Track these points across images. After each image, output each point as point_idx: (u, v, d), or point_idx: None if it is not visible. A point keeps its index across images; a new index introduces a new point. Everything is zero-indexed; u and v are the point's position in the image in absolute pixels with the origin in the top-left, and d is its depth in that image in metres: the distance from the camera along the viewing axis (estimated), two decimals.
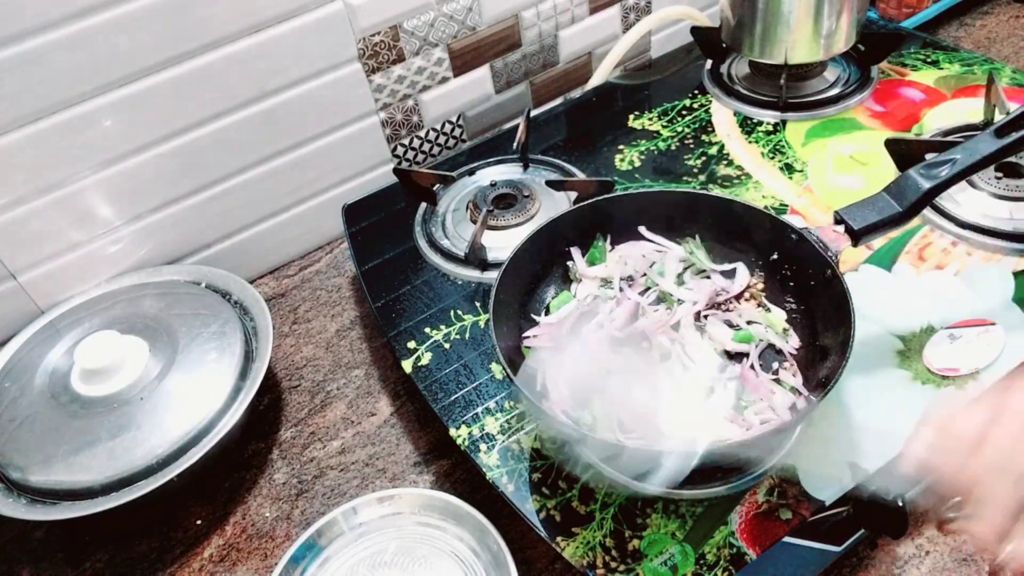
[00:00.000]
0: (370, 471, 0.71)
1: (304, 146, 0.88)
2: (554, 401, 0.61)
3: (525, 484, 0.61)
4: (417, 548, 0.62)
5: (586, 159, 0.89)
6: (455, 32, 0.91)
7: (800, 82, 0.93)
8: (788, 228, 0.64)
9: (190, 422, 0.67)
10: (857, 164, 0.82)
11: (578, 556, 0.56)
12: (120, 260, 0.84)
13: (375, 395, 0.78)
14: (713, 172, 0.84)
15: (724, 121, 0.91)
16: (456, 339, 0.72)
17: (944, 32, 1.10)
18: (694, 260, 0.69)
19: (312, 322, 0.86)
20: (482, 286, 0.76)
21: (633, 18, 1.04)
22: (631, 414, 0.59)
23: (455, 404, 0.67)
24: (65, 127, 0.73)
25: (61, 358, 0.74)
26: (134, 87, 0.75)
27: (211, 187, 0.85)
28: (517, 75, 1.00)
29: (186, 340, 0.73)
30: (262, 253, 0.93)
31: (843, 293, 0.57)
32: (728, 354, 0.64)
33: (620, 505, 0.58)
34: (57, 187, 0.76)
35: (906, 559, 0.59)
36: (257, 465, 0.73)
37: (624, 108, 0.95)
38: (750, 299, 0.67)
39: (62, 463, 0.65)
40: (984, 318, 0.64)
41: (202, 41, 0.76)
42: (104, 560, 0.68)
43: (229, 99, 0.80)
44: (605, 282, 0.69)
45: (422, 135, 0.97)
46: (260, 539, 0.68)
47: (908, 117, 0.86)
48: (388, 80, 0.89)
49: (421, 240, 0.82)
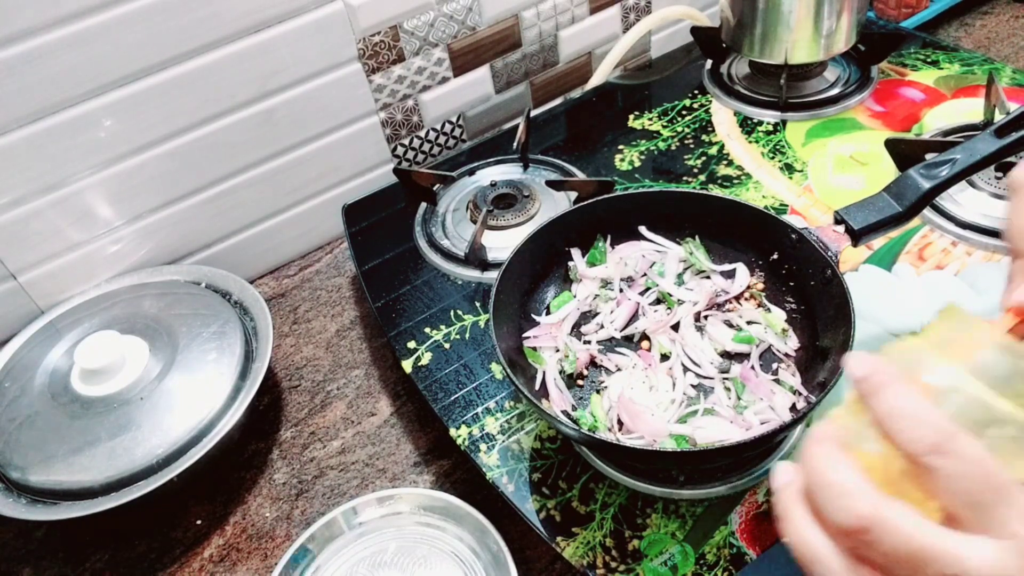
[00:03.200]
0: (370, 471, 0.71)
1: (304, 146, 0.88)
2: (554, 401, 0.62)
3: (525, 484, 0.61)
4: (417, 548, 0.62)
5: (586, 159, 0.89)
6: (455, 32, 0.91)
7: (800, 82, 0.93)
8: (788, 228, 0.64)
9: (190, 422, 0.67)
10: (857, 164, 0.82)
11: (578, 556, 0.56)
12: (120, 260, 0.84)
13: (375, 395, 0.78)
14: (713, 172, 0.84)
15: (724, 121, 0.91)
16: (456, 339, 0.72)
17: (944, 32, 1.10)
18: (694, 260, 0.69)
19: (312, 322, 0.86)
20: (482, 286, 0.76)
21: (633, 18, 1.04)
22: (631, 414, 0.59)
23: (455, 404, 0.67)
24: (65, 127, 0.73)
25: (61, 358, 0.74)
26: (134, 87, 0.75)
27: (211, 187, 0.85)
28: (517, 75, 1.00)
29: (186, 340, 0.73)
30: (262, 253, 0.93)
31: (843, 293, 0.57)
32: (728, 354, 0.64)
33: (620, 505, 0.58)
34: (57, 187, 0.76)
35: None
36: (257, 465, 0.73)
37: (624, 108, 0.95)
38: (750, 299, 0.67)
39: (62, 463, 0.65)
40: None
41: (202, 41, 0.76)
42: (104, 560, 0.68)
43: (229, 99, 0.80)
44: (605, 283, 0.69)
45: (422, 135, 0.97)
46: (260, 539, 0.68)
47: (908, 117, 0.86)
48: (388, 80, 0.89)
49: (421, 240, 0.82)
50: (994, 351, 0.34)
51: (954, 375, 0.33)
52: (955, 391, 0.32)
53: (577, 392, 0.64)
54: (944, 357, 0.34)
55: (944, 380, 0.33)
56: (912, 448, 0.31)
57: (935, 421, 0.31)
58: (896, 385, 0.32)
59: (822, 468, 0.32)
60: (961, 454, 0.30)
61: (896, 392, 0.32)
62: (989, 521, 0.30)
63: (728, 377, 0.62)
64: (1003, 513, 0.30)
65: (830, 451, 0.33)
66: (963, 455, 0.30)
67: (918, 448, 0.31)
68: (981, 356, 0.34)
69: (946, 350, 0.34)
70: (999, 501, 0.30)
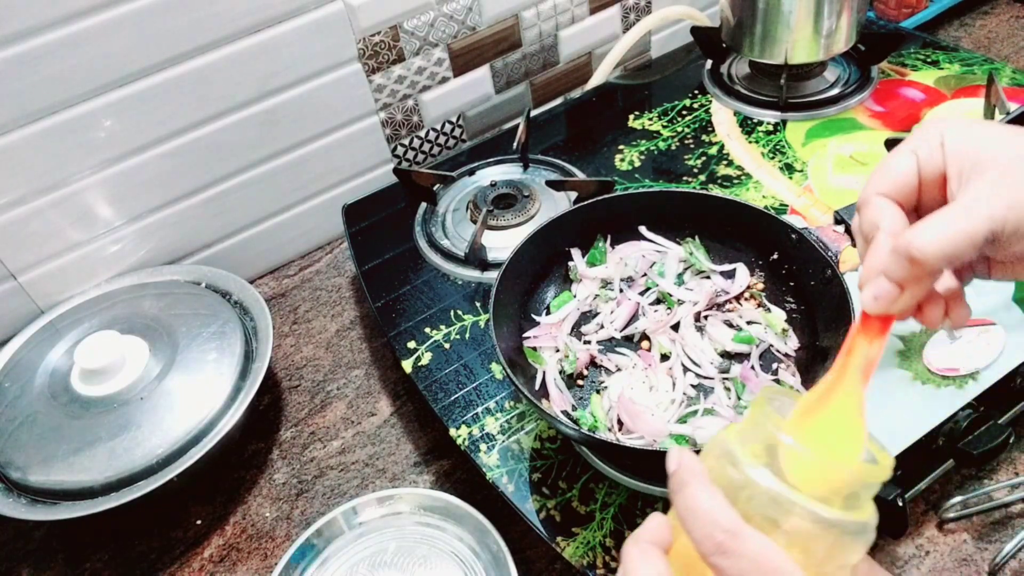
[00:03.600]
0: (370, 471, 0.71)
1: (304, 146, 0.88)
2: (554, 401, 0.62)
3: (525, 484, 0.61)
4: (417, 548, 0.62)
5: (586, 159, 0.89)
6: (455, 32, 0.91)
7: (800, 82, 0.93)
8: (788, 228, 0.64)
9: (190, 422, 0.67)
10: (857, 164, 0.82)
11: (578, 556, 0.56)
12: (120, 260, 0.84)
13: (375, 395, 0.78)
14: (713, 172, 0.84)
15: (724, 121, 0.91)
16: (456, 339, 0.72)
17: (944, 32, 1.10)
18: (694, 261, 0.69)
19: (312, 322, 0.86)
20: (482, 286, 0.76)
21: (633, 18, 1.04)
22: (631, 414, 0.59)
23: (455, 404, 0.67)
24: (65, 127, 0.73)
25: (61, 358, 0.74)
26: (134, 87, 0.75)
27: (211, 187, 0.85)
28: (517, 75, 1.00)
29: (186, 340, 0.73)
30: (262, 253, 0.93)
31: (843, 293, 0.57)
32: (728, 354, 0.64)
33: (620, 505, 0.58)
34: (57, 187, 0.76)
35: (906, 559, 0.59)
36: (257, 465, 0.73)
37: (624, 108, 0.95)
38: (750, 299, 0.67)
39: (62, 463, 0.65)
40: (984, 318, 0.64)
41: (202, 41, 0.76)
42: (104, 560, 0.68)
43: (229, 99, 0.80)
44: (605, 283, 0.69)
45: (422, 135, 0.97)
46: (260, 539, 0.68)
47: (908, 117, 0.86)
48: (388, 80, 0.89)
49: (421, 240, 0.82)
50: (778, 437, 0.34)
51: (749, 468, 0.33)
52: (749, 486, 0.33)
53: (577, 392, 0.64)
54: (748, 448, 0.34)
55: (739, 475, 0.33)
56: (700, 549, 0.33)
57: (721, 521, 0.32)
58: (695, 483, 0.34)
59: (633, 568, 0.34)
60: (741, 554, 0.31)
61: (693, 491, 0.33)
62: None
63: (728, 377, 0.62)
64: None
65: (641, 551, 0.34)
66: (743, 555, 0.31)
67: (705, 549, 0.32)
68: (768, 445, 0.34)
69: (748, 440, 0.35)
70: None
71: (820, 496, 0.33)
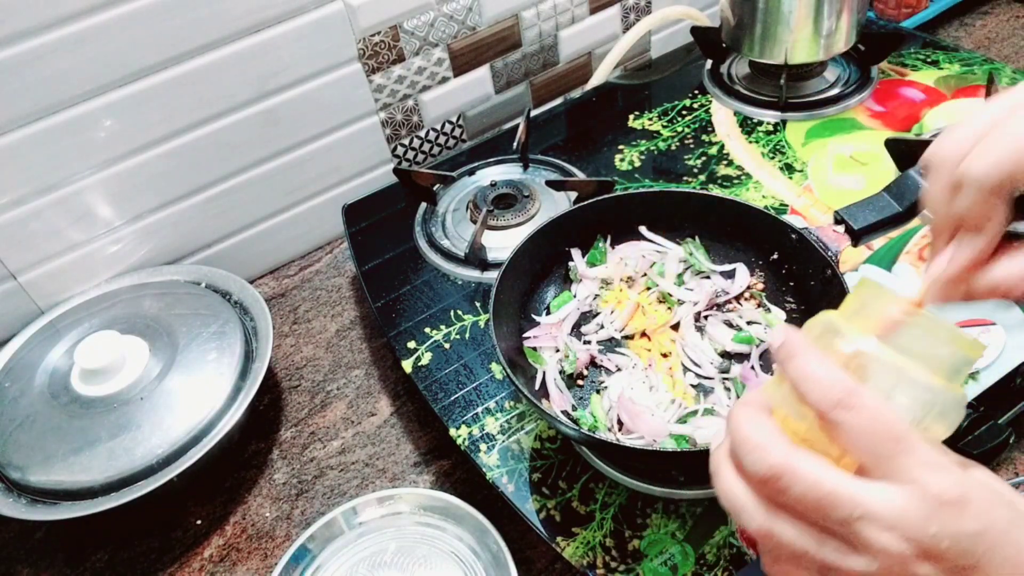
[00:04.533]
0: (370, 471, 0.71)
1: (304, 146, 0.88)
2: (554, 401, 0.62)
3: (525, 484, 0.61)
4: (417, 548, 0.62)
5: (586, 159, 0.89)
6: (455, 32, 0.91)
7: (800, 82, 0.93)
8: (788, 228, 0.64)
9: (190, 422, 0.67)
10: (857, 164, 0.82)
11: (578, 556, 0.56)
12: (120, 260, 0.84)
13: (375, 395, 0.78)
14: (713, 172, 0.84)
15: (724, 121, 0.91)
16: (456, 339, 0.72)
17: (944, 32, 1.10)
18: (694, 261, 0.69)
19: (312, 322, 0.86)
20: (482, 286, 0.76)
21: (633, 18, 1.04)
22: (631, 414, 0.59)
23: (455, 404, 0.67)
24: (65, 127, 0.73)
25: (61, 358, 0.74)
26: (134, 87, 0.75)
27: (211, 187, 0.85)
28: (517, 75, 1.00)
29: (186, 340, 0.73)
30: (262, 253, 0.93)
31: (843, 293, 0.57)
32: (728, 354, 0.64)
33: (620, 505, 0.58)
34: (57, 187, 0.76)
35: None
36: (257, 465, 0.73)
37: (624, 108, 0.95)
38: (750, 299, 0.67)
39: (62, 463, 0.65)
40: (984, 318, 0.64)
41: (202, 41, 0.76)
42: (104, 560, 0.68)
43: (229, 99, 0.80)
44: (605, 283, 0.69)
45: (422, 135, 0.97)
46: (260, 539, 0.68)
47: (908, 117, 0.86)
48: (388, 80, 0.89)
49: (421, 240, 0.82)
50: (903, 319, 0.36)
51: (861, 342, 0.35)
52: (862, 356, 0.35)
53: (577, 392, 0.64)
54: (854, 325, 0.36)
55: (852, 347, 0.35)
56: (819, 406, 0.33)
57: (839, 380, 0.33)
58: (806, 351, 0.35)
59: (741, 426, 0.35)
60: (862, 408, 0.32)
61: (805, 358, 0.34)
62: (892, 469, 0.32)
63: (728, 377, 0.62)
64: (904, 461, 0.32)
65: (750, 412, 0.35)
66: (864, 409, 0.32)
67: (824, 405, 0.33)
68: (889, 324, 0.36)
69: (856, 319, 0.36)
70: (900, 451, 0.32)
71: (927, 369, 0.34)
